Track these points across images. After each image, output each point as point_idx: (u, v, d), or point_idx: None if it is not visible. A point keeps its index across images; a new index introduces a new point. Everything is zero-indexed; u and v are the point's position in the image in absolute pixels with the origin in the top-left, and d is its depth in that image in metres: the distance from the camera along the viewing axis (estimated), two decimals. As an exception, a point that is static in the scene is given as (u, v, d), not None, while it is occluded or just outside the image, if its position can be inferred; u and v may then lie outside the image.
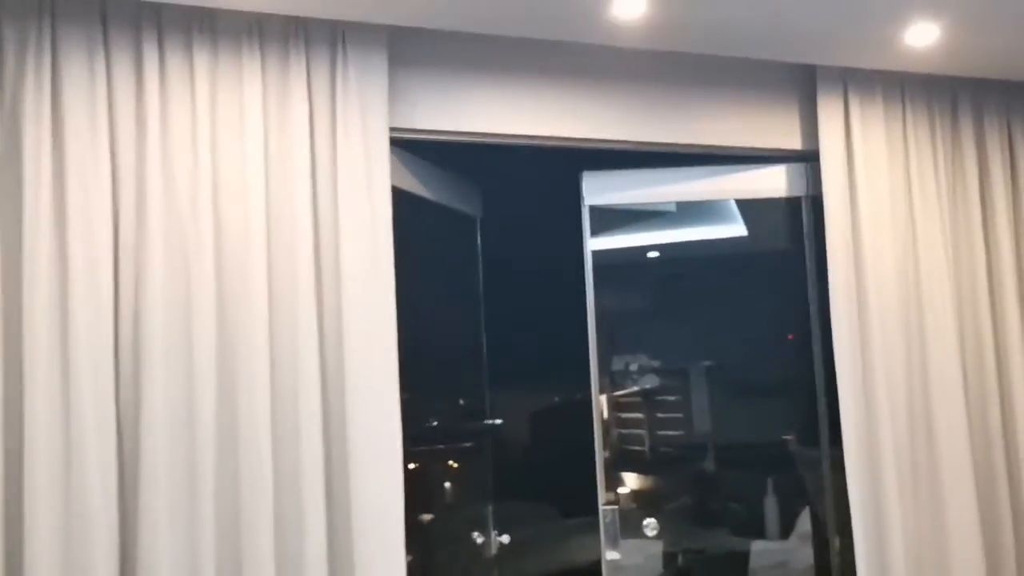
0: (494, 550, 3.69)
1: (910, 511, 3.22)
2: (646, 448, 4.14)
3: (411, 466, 2.75)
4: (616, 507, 3.30)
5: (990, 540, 3.32)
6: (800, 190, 3.37)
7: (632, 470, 4.07)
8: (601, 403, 4.05)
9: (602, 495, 3.32)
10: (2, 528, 2.28)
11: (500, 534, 3.72)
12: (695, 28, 2.84)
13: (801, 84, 3.28)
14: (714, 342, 3.75)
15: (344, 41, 2.66)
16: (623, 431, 4.15)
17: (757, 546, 3.82)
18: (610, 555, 3.27)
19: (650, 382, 3.93)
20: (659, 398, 4.15)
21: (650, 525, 3.47)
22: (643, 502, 4.04)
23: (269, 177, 2.56)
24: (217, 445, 2.43)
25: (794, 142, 3.29)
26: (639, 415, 4.12)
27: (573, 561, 4.39)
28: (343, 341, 2.57)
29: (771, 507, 3.80)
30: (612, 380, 3.78)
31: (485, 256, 3.68)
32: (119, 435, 2.37)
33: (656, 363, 3.89)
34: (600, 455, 3.33)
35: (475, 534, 3.61)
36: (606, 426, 4.13)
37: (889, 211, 3.29)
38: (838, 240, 3.21)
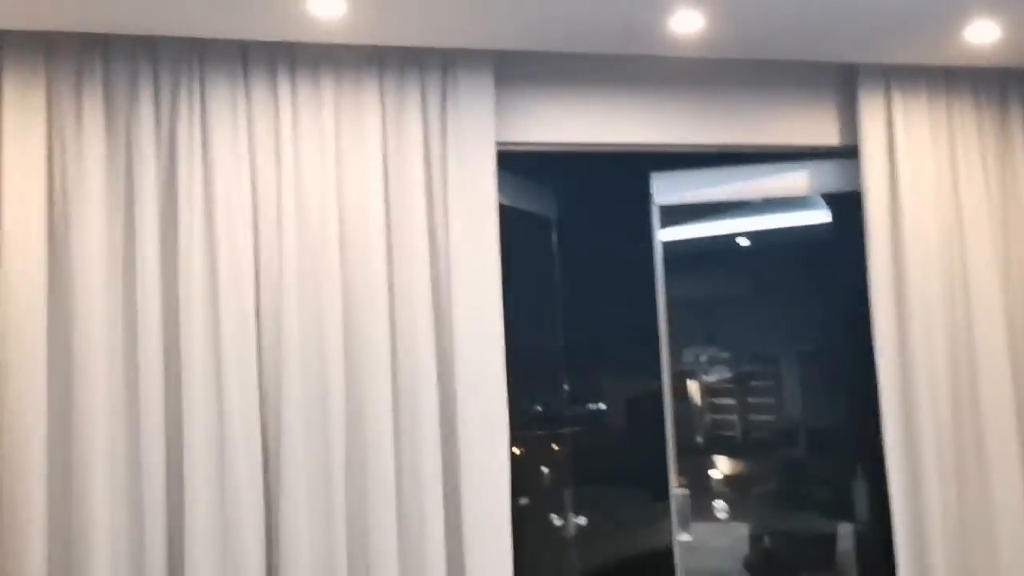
0: (572, 531, 3.97)
1: (952, 495, 3.21)
2: (737, 433, 4.32)
3: (515, 451, 2.96)
4: (687, 490, 3.45)
5: None
6: (856, 185, 3.40)
7: (724, 454, 4.25)
8: (693, 389, 4.23)
9: (674, 479, 3.45)
10: (164, 514, 2.62)
11: (577, 516, 4.02)
12: (746, 37, 2.99)
13: (844, 81, 3.36)
14: (796, 330, 3.89)
15: (455, 65, 2.90)
16: (716, 416, 4.32)
17: (844, 528, 3.97)
18: (682, 537, 3.40)
19: (718, 373, 4.10)
20: (752, 383, 4.30)
21: (721, 508, 3.67)
22: (734, 485, 4.23)
23: (389, 194, 2.82)
24: (346, 437, 2.72)
25: (845, 138, 3.39)
26: (731, 401, 4.29)
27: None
28: (454, 343, 2.82)
29: (859, 490, 3.88)
30: (684, 369, 3.97)
31: (568, 254, 3.91)
32: (263, 431, 2.69)
33: (726, 354, 4.05)
34: (671, 439, 3.47)
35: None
36: (700, 411, 4.31)
37: (932, 203, 3.31)
38: (878, 232, 3.26)
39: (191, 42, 2.73)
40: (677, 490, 3.44)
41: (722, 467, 4.20)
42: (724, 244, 4.04)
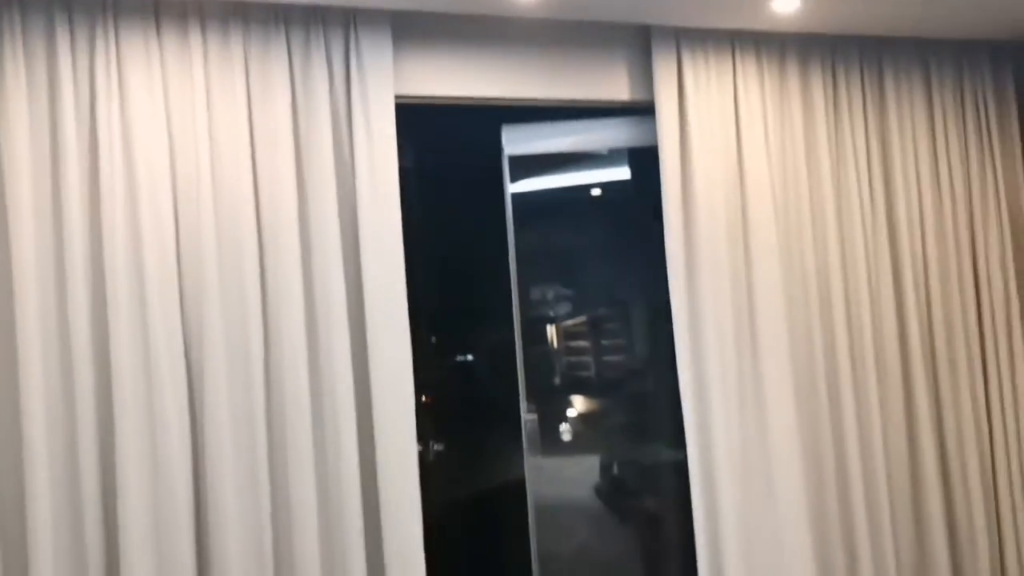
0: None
1: (735, 420, 3.60)
2: (592, 373, 4.57)
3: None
4: (536, 416, 3.81)
5: (809, 443, 3.71)
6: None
7: (580, 393, 4.50)
8: (551, 334, 4.48)
9: (523, 406, 3.84)
10: (95, 425, 2.93)
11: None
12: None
13: (642, 41, 3.67)
14: (642, 275, 4.14)
15: (357, 23, 3.23)
16: (571, 359, 4.56)
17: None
18: (533, 459, 3.79)
19: (564, 309, 4.34)
20: (604, 327, 4.54)
21: (565, 430, 3.95)
22: (588, 421, 4.48)
23: (299, 143, 3.16)
24: (265, 383, 3.09)
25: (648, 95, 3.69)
26: (585, 343, 4.53)
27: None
28: (363, 281, 3.19)
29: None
30: (536, 308, 4.22)
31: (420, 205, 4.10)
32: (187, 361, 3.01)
33: (569, 291, 4.30)
34: (521, 372, 3.84)
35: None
36: (558, 354, 4.55)
37: (720, 157, 3.64)
38: (670, 183, 3.57)
39: None
40: (527, 416, 3.82)
41: (578, 405, 4.43)
42: (573, 195, 4.26)
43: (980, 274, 4.09)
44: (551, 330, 4.40)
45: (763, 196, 3.70)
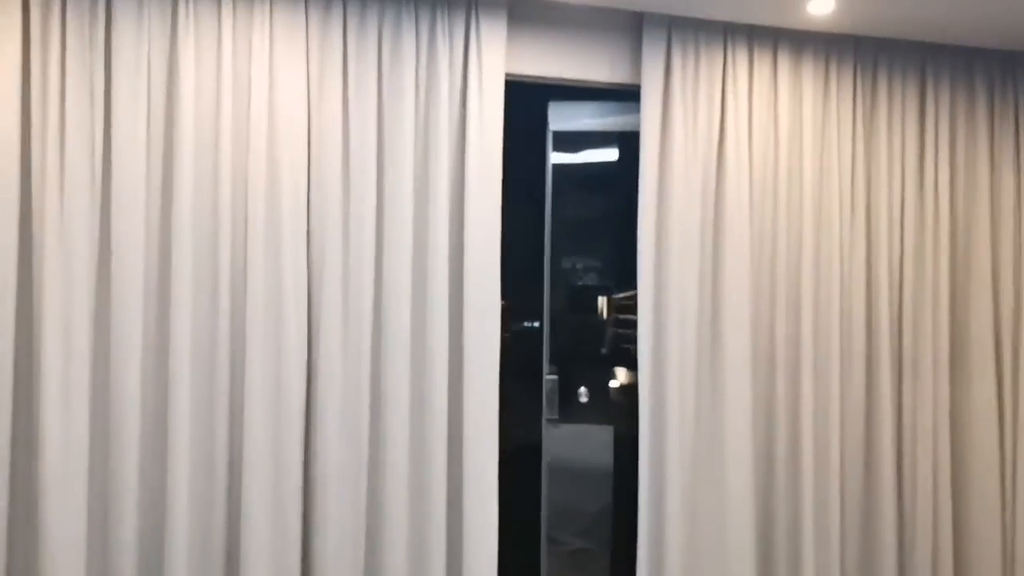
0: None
1: (690, 402, 3.78)
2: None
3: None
4: (556, 377, 4.17)
5: (761, 432, 3.88)
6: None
7: (624, 365, 4.80)
8: (601, 305, 4.78)
9: (546, 367, 4.19)
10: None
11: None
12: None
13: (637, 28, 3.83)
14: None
15: (477, 6, 3.61)
16: (619, 331, 4.86)
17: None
18: (550, 416, 4.08)
19: (592, 280, 4.61)
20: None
21: (583, 393, 4.25)
22: (629, 392, 4.70)
23: (419, 115, 3.59)
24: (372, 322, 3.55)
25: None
26: (633, 316, 4.86)
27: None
28: (464, 245, 3.58)
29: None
30: (585, 277, 4.50)
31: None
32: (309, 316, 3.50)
33: (598, 263, 4.55)
34: (546, 335, 4.16)
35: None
36: (606, 325, 4.84)
37: (703, 144, 3.79)
38: (648, 168, 3.75)
39: None
40: (548, 377, 4.12)
41: (620, 377, 4.64)
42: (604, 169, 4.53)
43: (958, 279, 4.18)
44: (602, 301, 4.68)
45: (740, 185, 3.84)
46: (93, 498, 3.23)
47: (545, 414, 4.12)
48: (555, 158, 4.15)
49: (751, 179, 3.89)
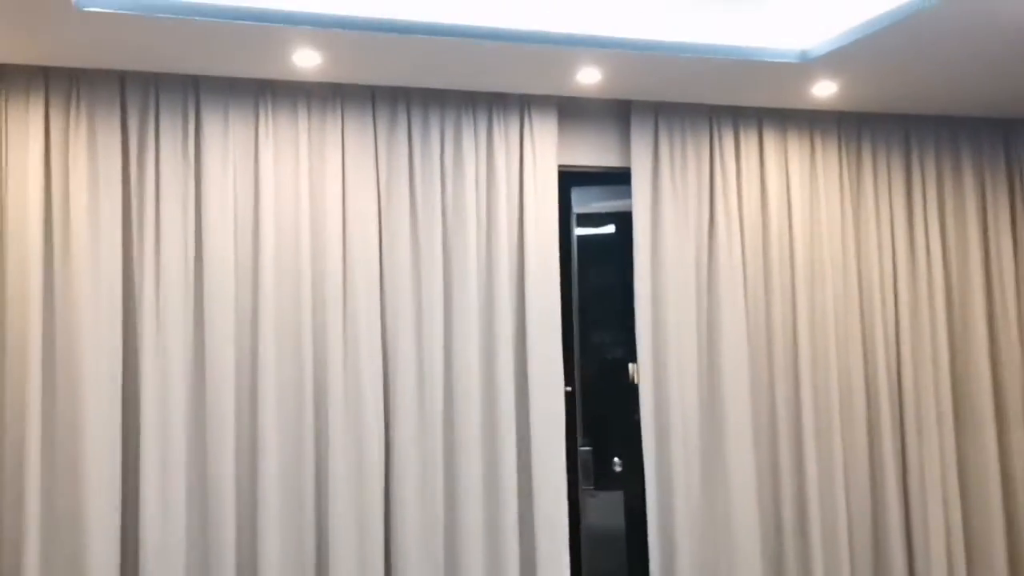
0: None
1: (695, 472, 3.90)
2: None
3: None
4: (590, 449, 4.23)
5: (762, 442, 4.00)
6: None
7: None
8: (632, 371, 4.89)
9: (580, 438, 4.25)
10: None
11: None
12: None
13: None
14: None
15: (530, 106, 3.94)
16: None
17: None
18: (585, 484, 4.19)
19: (619, 347, 4.56)
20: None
21: (617, 463, 4.31)
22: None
23: (480, 196, 3.89)
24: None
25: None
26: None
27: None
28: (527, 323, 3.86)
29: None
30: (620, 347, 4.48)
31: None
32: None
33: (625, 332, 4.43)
34: (579, 404, 4.24)
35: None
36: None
37: (692, 219, 3.99)
38: (641, 243, 3.95)
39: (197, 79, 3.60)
40: (583, 449, 4.21)
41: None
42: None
43: (956, 336, 4.25)
44: (632, 368, 4.70)
45: (732, 257, 4.00)
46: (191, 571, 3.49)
47: (581, 484, 4.24)
48: (578, 232, 4.35)
49: (743, 250, 4.06)
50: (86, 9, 2.98)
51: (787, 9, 3.63)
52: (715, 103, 4.12)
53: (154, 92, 3.58)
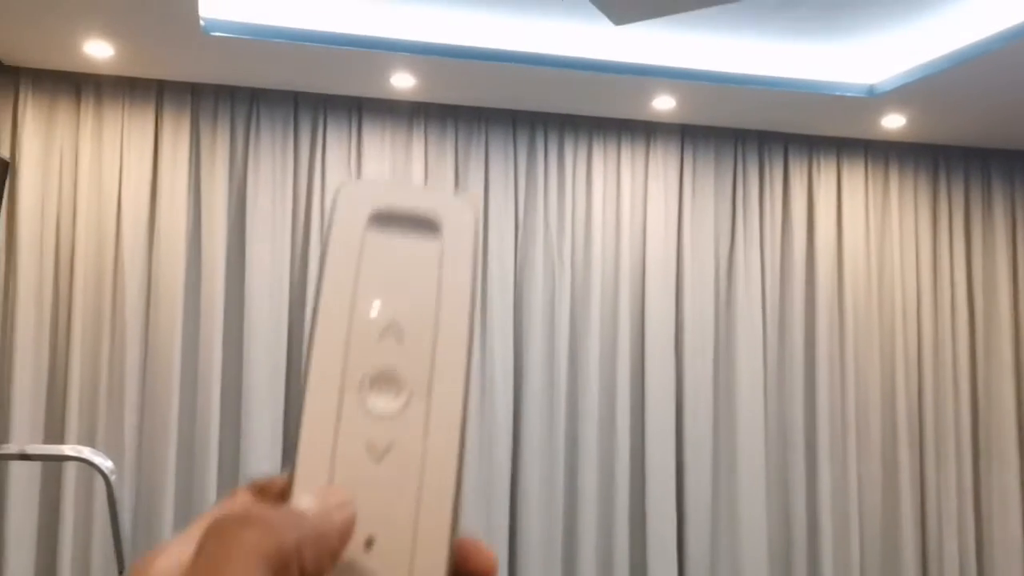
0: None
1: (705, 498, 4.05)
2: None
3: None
4: None
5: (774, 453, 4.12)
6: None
7: None
8: None
9: None
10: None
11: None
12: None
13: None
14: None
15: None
16: None
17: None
18: None
19: None
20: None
21: None
22: None
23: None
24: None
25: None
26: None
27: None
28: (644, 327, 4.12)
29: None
30: None
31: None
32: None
33: None
34: None
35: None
36: None
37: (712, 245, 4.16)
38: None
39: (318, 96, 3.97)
40: None
41: None
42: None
43: (979, 366, 4.24)
44: None
45: (751, 282, 4.14)
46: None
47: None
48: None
49: (763, 273, 4.17)
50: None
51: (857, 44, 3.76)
52: (791, 132, 4.26)
53: (322, 112, 4.00)
